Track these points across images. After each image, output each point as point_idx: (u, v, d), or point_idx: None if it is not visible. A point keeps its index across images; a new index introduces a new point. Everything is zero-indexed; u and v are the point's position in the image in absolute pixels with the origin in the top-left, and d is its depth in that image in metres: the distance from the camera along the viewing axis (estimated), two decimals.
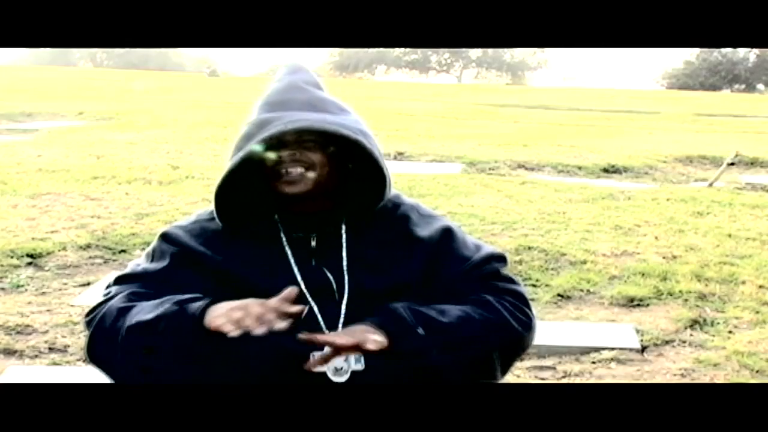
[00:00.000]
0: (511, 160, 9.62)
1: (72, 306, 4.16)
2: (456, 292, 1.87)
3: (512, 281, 1.94)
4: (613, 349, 3.86)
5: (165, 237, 1.90)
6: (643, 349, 3.92)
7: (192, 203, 6.43)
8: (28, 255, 4.89)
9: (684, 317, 4.27)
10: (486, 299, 1.86)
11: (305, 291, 1.83)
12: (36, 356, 3.60)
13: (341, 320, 1.83)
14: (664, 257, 5.30)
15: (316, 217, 1.89)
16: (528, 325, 1.89)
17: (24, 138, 11.11)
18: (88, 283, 4.53)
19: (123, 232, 5.42)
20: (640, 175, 9.38)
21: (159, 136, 11.14)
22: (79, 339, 3.73)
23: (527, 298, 1.93)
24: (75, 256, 4.94)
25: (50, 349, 3.66)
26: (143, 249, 5.11)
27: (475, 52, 59.97)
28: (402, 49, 55.61)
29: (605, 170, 9.43)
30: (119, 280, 1.90)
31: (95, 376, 1.80)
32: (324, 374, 1.76)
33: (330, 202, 1.90)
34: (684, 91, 36.53)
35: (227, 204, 1.88)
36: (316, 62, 56.34)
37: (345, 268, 1.86)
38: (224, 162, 1.86)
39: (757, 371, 3.67)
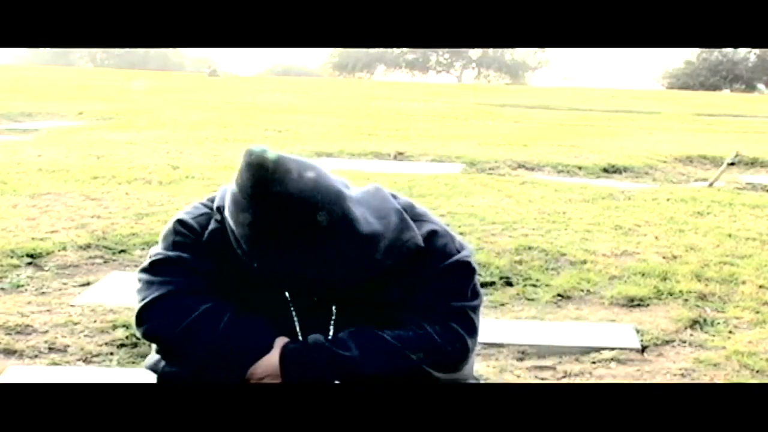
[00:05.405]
0: (511, 160, 9.62)
1: (72, 306, 4.15)
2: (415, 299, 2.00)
3: (474, 293, 2.03)
4: (613, 349, 3.85)
5: (181, 225, 2.16)
6: (643, 349, 3.92)
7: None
8: (28, 255, 4.88)
9: (684, 317, 4.27)
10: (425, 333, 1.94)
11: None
12: (36, 356, 3.59)
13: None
14: (664, 257, 5.30)
15: None
16: (460, 354, 1.96)
17: (24, 138, 11.10)
18: (88, 283, 4.53)
19: (123, 232, 5.42)
20: (640, 175, 9.38)
21: (159, 136, 11.13)
22: (79, 339, 3.72)
23: (475, 320, 2.01)
24: (75, 256, 4.94)
25: (50, 349, 3.66)
26: (143, 249, 5.12)
27: (475, 52, 59.96)
28: (402, 49, 55.60)
29: (605, 170, 9.42)
30: (162, 266, 2.08)
31: (95, 376, 1.80)
32: None
33: None
34: (684, 91, 36.55)
35: None
36: (316, 62, 56.32)
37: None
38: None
39: (757, 371, 3.66)
